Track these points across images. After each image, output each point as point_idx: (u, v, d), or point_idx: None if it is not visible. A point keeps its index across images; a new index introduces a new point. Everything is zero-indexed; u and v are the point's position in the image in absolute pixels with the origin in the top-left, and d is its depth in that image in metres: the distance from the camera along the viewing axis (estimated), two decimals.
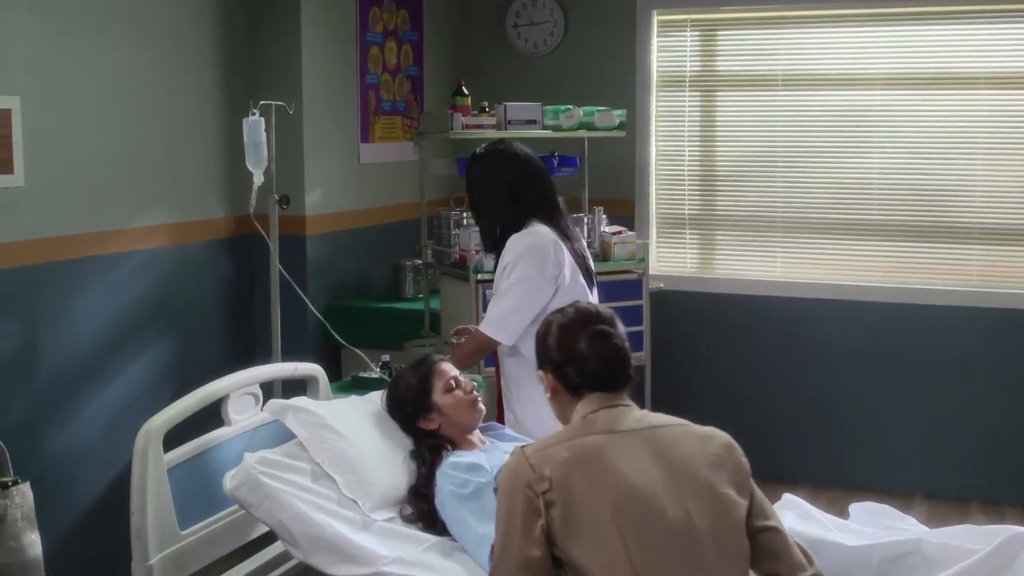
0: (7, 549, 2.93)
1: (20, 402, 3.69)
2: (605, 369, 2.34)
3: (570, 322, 2.39)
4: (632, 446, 2.23)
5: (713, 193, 5.57)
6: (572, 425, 2.33)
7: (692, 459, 2.24)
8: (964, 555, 2.68)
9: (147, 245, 4.22)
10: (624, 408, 2.33)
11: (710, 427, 2.38)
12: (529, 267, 3.37)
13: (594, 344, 2.34)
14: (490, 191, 3.47)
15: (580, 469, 2.17)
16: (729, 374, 5.56)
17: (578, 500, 2.14)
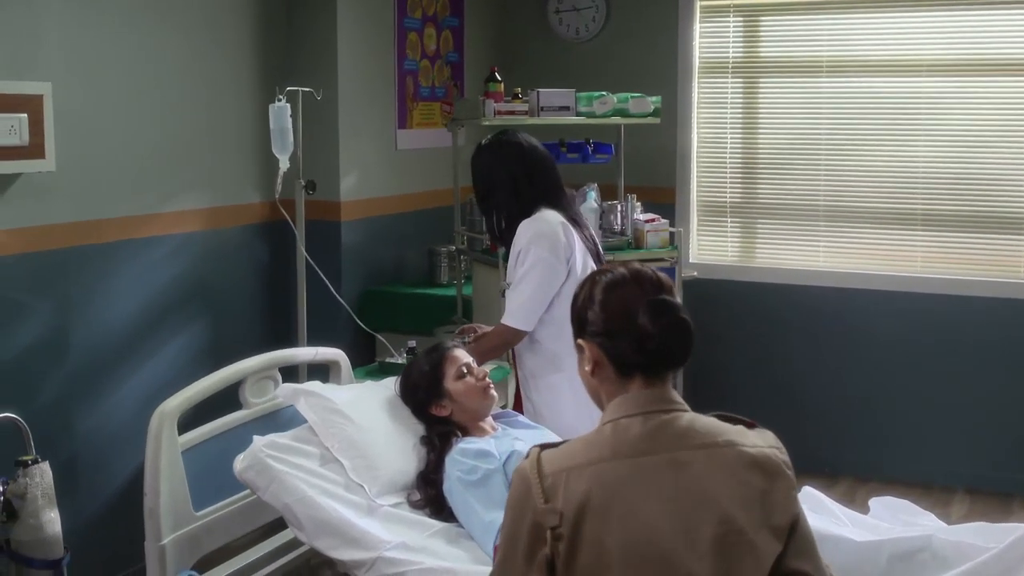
0: (26, 526, 2.99)
1: (53, 382, 3.76)
2: (670, 348, 1.97)
3: (628, 285, 1.99)
4: (660, 483, 1.89)
5: (755, 181, 5.50)
6: (601, 437, 1.96)
7: (727, 499, 1.89)
8: (976, 553, 2.63)
9: (181, 229, 4.27)
10: (665, 417, 1.97)
11: (765, 440, 2.02)
12: (542, 251, 3.36)
13: (659, 316, 1.94)
14: (496, 182, 3.48)
15: (596, 510, 1.86)
16: (768, 364, 5.50)
17: (587, 544, 1.86)
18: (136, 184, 4.06)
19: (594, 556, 1.85)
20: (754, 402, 5.52)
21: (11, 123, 3.46)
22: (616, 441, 1.93)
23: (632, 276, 2.01)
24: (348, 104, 4.78)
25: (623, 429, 1.94)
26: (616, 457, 1.90)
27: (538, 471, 1.90)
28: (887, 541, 2.71)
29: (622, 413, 1.96)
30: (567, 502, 1.86)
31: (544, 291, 3.38)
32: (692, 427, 1.96)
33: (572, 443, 1.97)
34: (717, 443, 1.94)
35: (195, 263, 4.34)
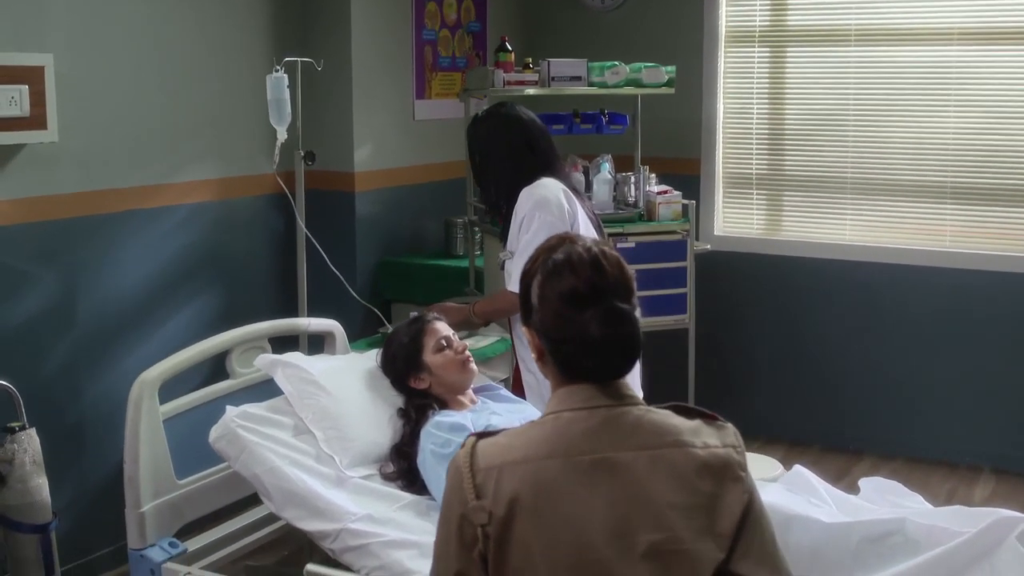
0: (14, 491, 3.07)
1: (60, 351, 3.83)
2: (613, 360, 1.86)
3: (565, 275, 1.87)
4: (596, 486, 1.79)
5: (781, 153, 5.40)
6: (540, 431, 1.86)
7: (668, 505, 1.80)
8: (948, 537, 2.56)
9: (191, 200, 4.31)
10: (611, 412, 1.85)
11: (722, 439, 1.89)
12: (547, 215, 3.30)
13: (607, 326, 1.83)
14: (496, 152, 3.43)
15: (526, 511, 1.78)
16: (793, 338, 5.41)
17: (516, 546, 1.78)
18: (145, 154, 4.09)
19: (523, 559, 1.78)
20: (778, 376, 5.46)
21: (11, 94, 3.51)
22: (555, 437, 1.83)
23: (566, 261, 1.87)
24: (363, 74, 4.77)
25: (564, 424, 1.84)
26: (552, 456, 1.80)
27: (471, 465, 1.82)
28: (858, 523, 2.65)
29: (566, 406, 1.86)
30: (496, 501, 1.77)
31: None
32: (639, 425, 1.84)
33: (510, 434, 1.89)
34: (664, 443, 1.83)
35: (206, 233, 4.37)
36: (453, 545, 1.82)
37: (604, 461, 1.80)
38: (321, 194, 4.84)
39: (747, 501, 1.86)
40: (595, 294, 1.84)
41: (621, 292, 1.87)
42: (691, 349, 4.62)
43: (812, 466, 5.02)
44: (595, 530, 1.77)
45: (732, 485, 1.84)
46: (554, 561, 1.76)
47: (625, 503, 1.78)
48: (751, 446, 5.16)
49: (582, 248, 1.90)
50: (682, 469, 1.81)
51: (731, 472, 1.85)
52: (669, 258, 4.51)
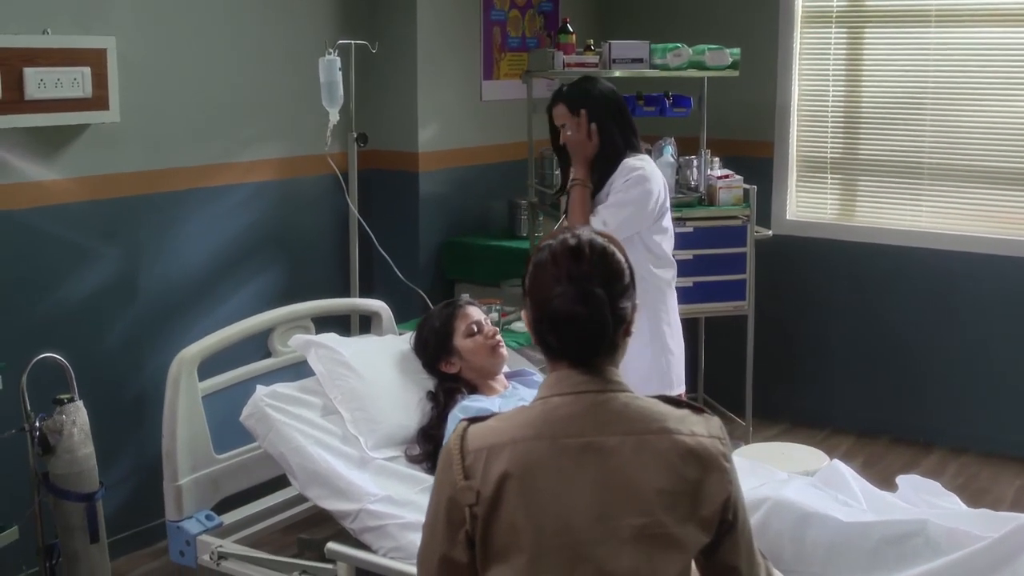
0: (62, 460, 3.18)
1: (121, 326, 3.94)
2: (576, 339, 1.88)
3: (547, 266, 1.91)
4: (582, 469, 1.83)
5: (857, 136, 5.26)
6: (528, 415, 1.90)
7: (653, 490, 1.83)
8: (969, 541, 2.51)
9: (256, 178, 4.39)
10: (598, 398, 1.88)
11: (708, 429, 1.91)
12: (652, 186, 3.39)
13: (571, 304, 1.86)
14: (607, 114, 3.43)
15: (513, 491, 1.81)
16: (865, 327, 5.29)
17: (502, 526, 1.82)
18: (207, 134, 4.19)
19: (509, 539, 1.81)
20: (847, 365, 5.35)
21: (74, 76, 3.62)
22: (542, 421, 1.86)
23: (552, 254, 1.91)
24: (428, 55, 4.80)
25: (552, 408, 1.87)
26: (539, 438, 1.84)
27: (460, 447, 1.86)
28: (877, 523, 2.60)
29: (555, 391, 1.89)
30: (485, 481, 1.81)
31: (637, 221, 3.40)
32: (626, 411, 1.87)
33: (500, 418, 1.93)
34: (650, 430, 1.86)
35: (268, 213, 4.45)
36: (440, 527, 1.86)
37: (590, 445, 1.83)
38: (385, 174, 4.91)
39: (730, 491, 1.89)
40: (568, 278, 1.88)
41: (596, 278, 1.89)
42: (750, 335, 4.56)
43: (880, 458, 5.01)
44: (580, 512, 1.81)
45: (716, 474, 1.87)
46: (539, 541, 1.80)
47: (610, 487, 1.82)
48: (819, 435, 5.16)
49: (570, 237, 1.93)
50: (667, 455, 1.84)
51: (715, 461, 1.87)
52: (729, 244, 4.45)
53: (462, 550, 1.84)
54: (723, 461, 1.89)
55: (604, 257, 1.91)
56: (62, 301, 3.76)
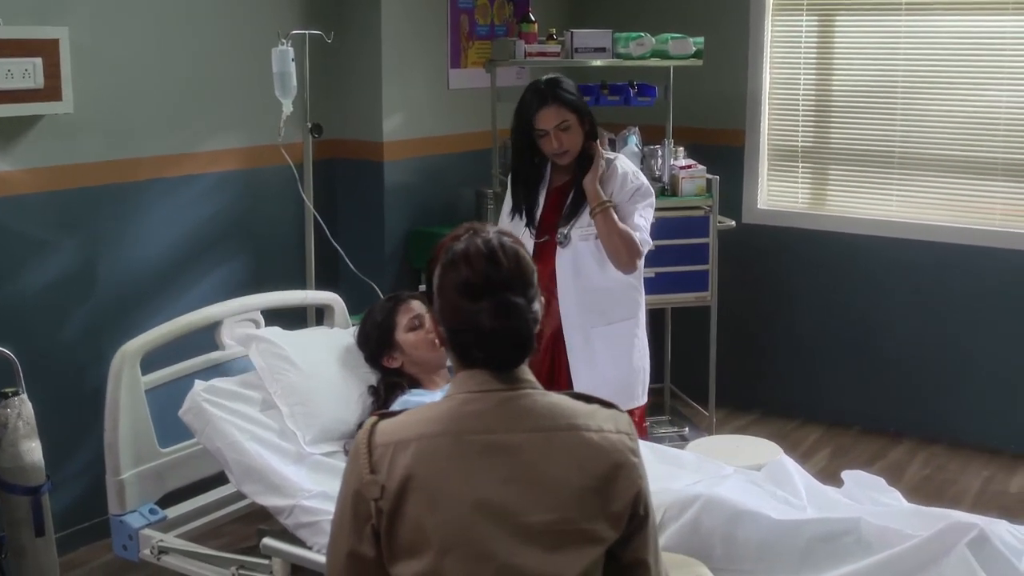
0: (7, 454, 3.18)
1: (80, 319, 3.92)
2: (503, 352, 1.88)
3: (460, 266, 1.89)
4: (489, 465, 1.82)
5: (828, 125, 5.24)
6: (437, 411, 1.89)
7: (561, 486, 1.82)
8: (899, 540, 2.51)
9: (219, 168, 4.37)
10: (507, 395, 1.87)
11: (616, 425, 1.90)
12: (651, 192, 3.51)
13: (498, 319, 1.85)
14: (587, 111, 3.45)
15: (418, 487, 1.80)
16: (835, 316, 5.27)
17: (407, 522, 1.81)
18: (168, 124, 4.16)
19: (413, 535, 1.80)
20: (817, 355, 5.34)
21: (25, 67, 3.60)
22: (449, 417, 1.86)
23: (464, 252, 1.89)
24: (394, 44, 4.77)
25: (458, 404, 1.87)
26: (445, 434, 1.83)
27: (368, 441, 1.85)
28: (810, 521, 2.60)
29: (464, 389, 1.88)
30: (390, 476, 1.80)
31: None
32: (533, 408, 1.87)
33: (410, 414, 1.92)
34: (558, 426, 1.86)
35: (232, 202, 4.43)
36: (347, 522, 1.86)
37: (496, 442, 1.83)
38: (350, 163, 4.89)
39: (640, 485, 1.89)
40: (488, 286, 1.86)
41: (516, 285, 1.88)
42: (712, 326, 4.54)
43: (848, 448, 5.00)
44: (486, 509, 1.80)
45: (624, 470, 1.86)
46: (444, 539, 1.79)
47: (517, 484, 1.81)
48: (788, 426, 5.16)
49: (481, 240, 1.91)
50: (576, 451, 1.83)
51: (623, 457, 1.87)
52: (692, 234, 4.43)
53: (369, 545, 1.83)
54: (631, 456, 1.89)
55: (519, 260, 1.90)
56: (19, 293, 3.75)
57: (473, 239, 1.92)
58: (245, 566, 2.81)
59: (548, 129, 3.34)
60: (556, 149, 3.36)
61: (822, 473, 4.77)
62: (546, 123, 3.34)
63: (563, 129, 3.34)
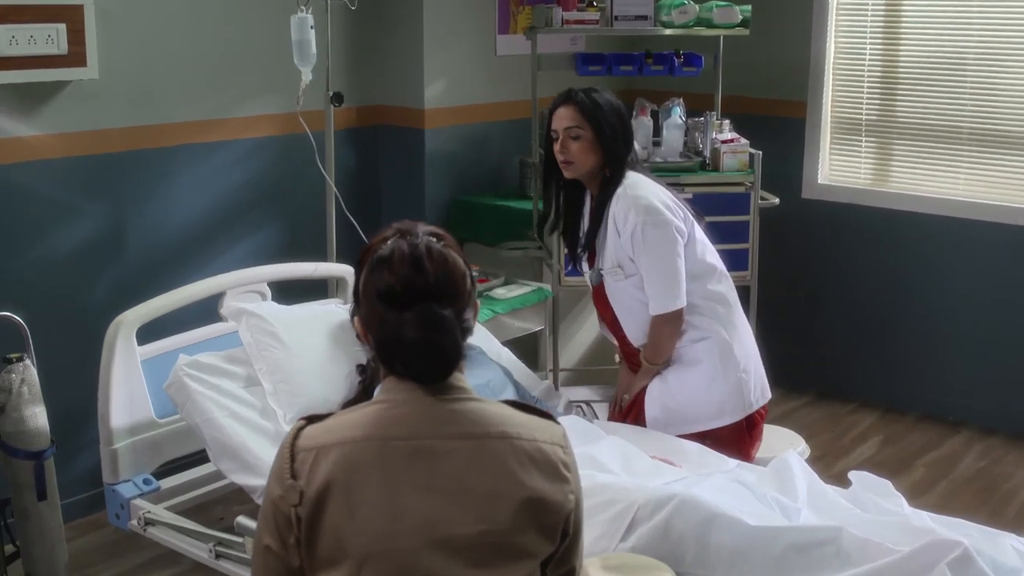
0: (10, 419, 3.21)
1: (106, 283, 3.95)
2: (428, 367, 1.80)
3: (384, 270, 1.80)
4: (412, 473, 1.73)
5: (893, 98, 4.97)
6: (362, 416, 1.81)
7: (489, 496, 1.75)
8: (881, 554, 2.36)
9: (249, 135, 4.35)
10: (436, 400, 1.79)
11: (551, 436, 1.83)
12: (660, 217, 3.17)
13: (421, 332, 1.76)
14: (611, 130, 3.22)
15: (337, 494, 1.72)
16: (895, 298, 5.04)
17: (326, 530, 1.73)
18: (199, 90, 4.15)
19: (333, 544, 1.73)
20: (876, 337, 5.12)
21: (48, 33, 3.62)
22: (374, 421, 1.78)
23: (388, 257, 1.80)
24: (438, 8, 4.67)
25: (385, 409, 1.80)
26: (368, 439, 1.76)
27: (291, 446, 1.79)
28: (787, 529, 2.46)
29: (392, 395, 1.81)
30: (310, 482, 1.73)
31: (677, 260, 3.20)
32: (463, 414, 1.79)
33: (337, 417, 1.85)
34: (489, 434, 1.78)
35: (263, 170, 4.40)
36: (268, 527, 1.79)
37: (422, 448, 1.75)
38: (392, 130, 4.83)
39: (573, 501, 1.82)
40: (411, 294, 1.78)
41: (443, 294, 1.80)
42: (753, 306, 4.35)
43: (902, 436, 4.79)
44: (407, 519, 1.72)
45: (556, 483, 1.79)
46: (363, 548, 1.72)
47: (442, 493, 1.74)
48: (842, 410, 4.98)
49: (408, 243, 1.82)
50: (505, 460, 1.76)
51: (555, 469, 1.80)
52: (732, 211, 4.25)
53: (292, 553, 1.77)
54: (563, 470, 1.81)
55: (447, 267, 1.81)
56: (43, 258, 3.79)
57: (399, 242, 1.82)
58: (222, 543, 2.78)
59: (559, 131, 3.22)
60: (558, 154, 3.23)
61: (869, 462, 4.60)
62: (557, 122, 3.23)
63: (573, 137, 3.20)
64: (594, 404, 4.40)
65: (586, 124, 3.18)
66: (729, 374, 3.30)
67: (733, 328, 3.33)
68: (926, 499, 4.26)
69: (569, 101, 3.23)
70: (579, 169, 3.23)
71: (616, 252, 3.23)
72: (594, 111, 3.19)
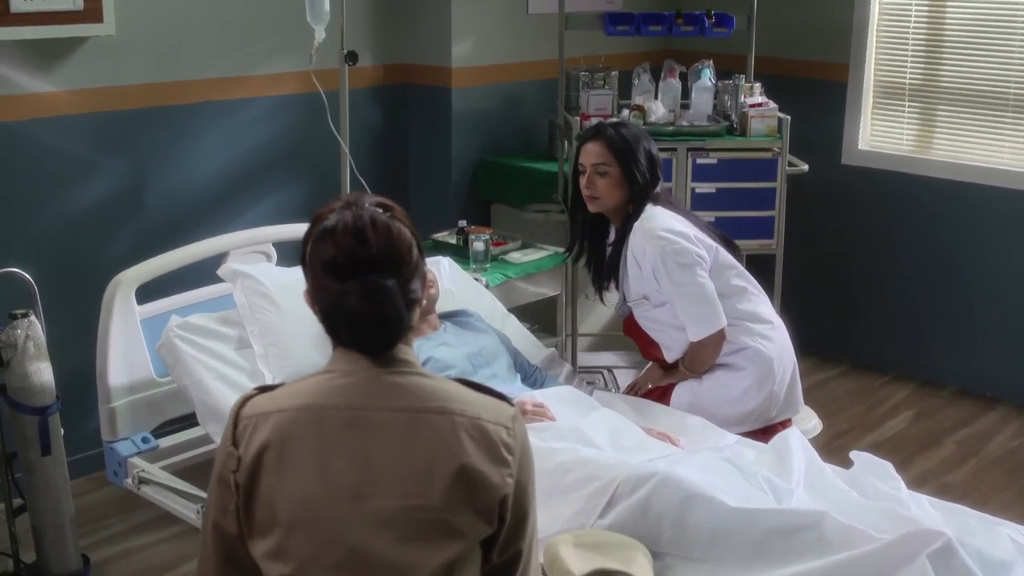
0: (15, 374, 3.24)
1: (125, 239, 3.96)
2: (369, 337, 1.77)
3: (327, 242, 1.77)
4: (345, 443, 1.72)
5: (939, 61, 4.79)
6: (304, 385, 1.81)
7: (421, 471, 1.71)
8: (862, 541, 2.29)
9: (273, 92, 4.32)
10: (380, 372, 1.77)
11: (496, 416, 1.78)
12: (680, 245, 3.10)
13: (362, 302, 1.74)
14: (637, 168, 3.16)
15: (270, 462, 1.72)
16: (935, 269, 4.88)
17: (261, 498, 1.72)
18: (218, 47, 4.12)
19: (266, 512, 1.73)
20: (914, 308, 4.97)
21: None
22: (315, 390, 1.77)
23: (332, 228, 1.76)
24: None
25: (327, 379, 1.78)
26: (305, 408, 1.75)
27: (236, 413, 1.80)
28: (768, 512, 2.38)
29: (337, 366, 1.80)
30: (248, 449, 1.73)
31: (703, 282, 3.12)
32: (405, 388, 1.76)
33: (284, 388, 1.84)
34: (428, 408, 1.74)
35: (288, 127, 4.37)
36: (214, 496, 1.79)
37: (359, 418, 1.74)
38: (419, 89, 4.77)
39: (512, 486, 1.76)
40: (353, 265, 1.76)
41: (386, 265, 1.77)
42: (778, 276, 4.24)
43: (936, 411, 4.68)
44: (336, 488, 1.71)
45: (494, 464, 1.74)
46: (291, 515, 1.71)
47: (374, 464, 1.72)
48: (876, 382, 4.85)
49: (352, 215, 1.79)
50: (442, 436, 1.72)
51: (495, 449, 1.75)
52: (759, 178, 4.13)
53: (231, 520, 1.77)
54: (503, 452, 1.75)
55: (391, 238, 1.78)
56: (61, 214, 3.81)
57: (344, 213, 1.80)
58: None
59: (586, 165, 3.18)
60: (584, 189, 3.20)
61: (898, 436, 4.51)
62: (585, 157, 3.20)
63: (600, 173, 3.16)
64: (617, 370, 4.35)
65: (614, 161, 3.15)
66: (763, 388, 3.23)
67: (771, 343, 3.25)
68: (953, 477, 4.16)
69: (598, 136, 3.19)
70: (604, 204, 3.20)
71: (639, 285, 3.20)
72: (623, 149, 3.15)
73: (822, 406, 4.68)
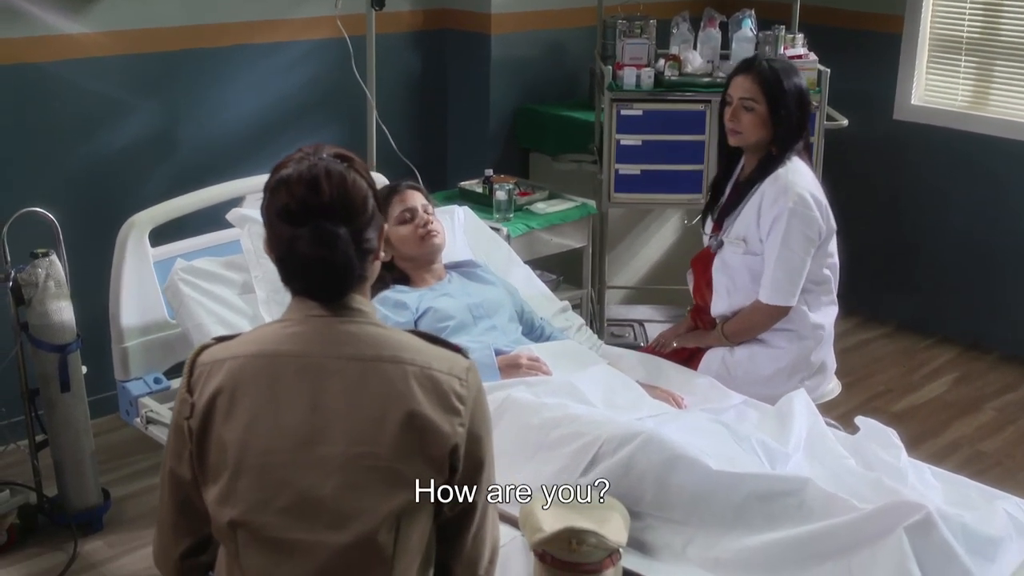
0: (36, 312, 3.31)
1: (157, 181, 4.00)
2: (319, 282, 1.79)
3: (281, 192, 1.78)
4: (296, 389, 1.74)
5: (998, 14, 4.60)
6: (259, 332, 1.84)
7: (371, 418, 1.73)
8: (843, 511, 2.24)
9: (309, 36, 4.30)
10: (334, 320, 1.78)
11: (450, 367, 1.79)
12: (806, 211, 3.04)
13: (312, 247, 1.75)
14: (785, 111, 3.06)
15: (222, 407, 1.75)
16: (989, 231, 4.73)
17: (213, 443, 1.76)
18: None
19: (218, 456, 1.76)
20: (963, 269, 4.84)
21: None
22: (269, 338, 1.80)
23: (287, 178, 1.78)
24: None
25: (284, 327, 1.81)
26: (259, 355, 1.78)
27: (192, 362, 1.83)
28: (751, 476, 2.34)
29: (292, 315, 1.82)
30: (201, 395, 1.77)
31: (807, 258, 3.09)
32: (358, 337, 1.78)
33: (241, 336, 1.87)
34: (380, 357, 1.76)
35: (322, 72, 4.36)
36: (171, 442, 1.84)
37: (310, 365, 1.76)
38: (459, 35, 4.72)
39: (464, 435, 1.78)
40: (305, 212, 1.77)
41: (338, 213, 1.78)
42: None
43: (978, 376, 4.55)
44: (286, 434, 1.74)
45: (445, 413, 1.76)
46: (240, 459, 1.74)
47: (324, 411, 1.74)
48: (920, 344, 4.73)
49: (307, 165, 1.81)
50: (394, 384, 1.75)
51: (445, 398, 1.76)
52: None
53: (186, 467, 1.81)
54: (454, 401, 1.77)
55: (344, 187, 1.79)
56: (94, 154, 3.86)
57: (300, 163, 1.82)
58: None
59: (734, 98, 3.10)
60: (728, 121, 3.12)
61: (937, 400, 4.42)
62: (733, 89, 3.11)
63: (747, 108, 3.07)
64: (649, 324, 4.30)
65: (762, 98, 3.06)
66: (794, 377, 3.18)
67: (817, 344, 3.20)
68: (988, 444, 4.06)
69: (751, 70, 3.09)
70: (745, 139, 3.11)
71: (747, 227, 3.13)
72: (774, 87, 3.05)
73: (863, 366, 4.60)
